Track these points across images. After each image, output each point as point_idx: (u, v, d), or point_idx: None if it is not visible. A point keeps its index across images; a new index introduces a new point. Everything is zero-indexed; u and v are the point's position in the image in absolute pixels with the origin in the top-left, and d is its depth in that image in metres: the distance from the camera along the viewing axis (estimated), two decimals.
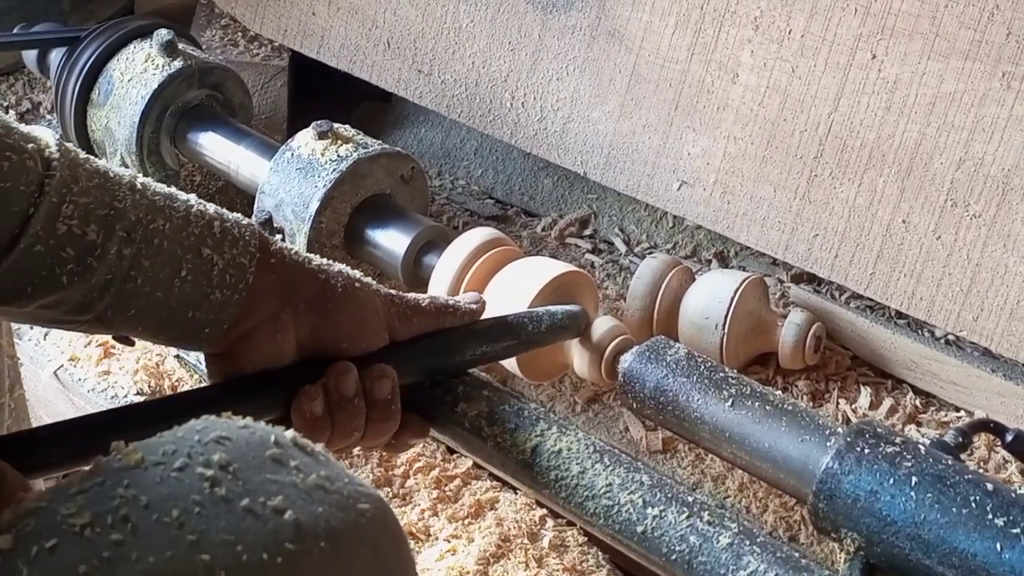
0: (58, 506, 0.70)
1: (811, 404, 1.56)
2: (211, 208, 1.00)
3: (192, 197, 1.00)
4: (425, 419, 1.17)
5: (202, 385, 1.06)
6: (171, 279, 0.95)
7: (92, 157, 0.95)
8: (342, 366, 1.03)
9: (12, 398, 1.14)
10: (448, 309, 1.13)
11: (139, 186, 0.95)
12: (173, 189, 0.99)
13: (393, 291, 1.10)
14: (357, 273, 1.07)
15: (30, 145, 0.89)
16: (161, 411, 1.00)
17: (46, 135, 0.92)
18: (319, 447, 0.80)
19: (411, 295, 1.11)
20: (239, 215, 1.01)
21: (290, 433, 0.78)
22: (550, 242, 1.89)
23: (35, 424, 1.71)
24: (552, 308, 1.24)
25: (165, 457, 0.73)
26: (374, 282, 1.08)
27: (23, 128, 0.91)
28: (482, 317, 1.17)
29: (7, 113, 2.13)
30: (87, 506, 0.70)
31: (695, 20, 1.63)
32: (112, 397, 1.57)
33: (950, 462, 1.05)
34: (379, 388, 1.05)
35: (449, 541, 1.37)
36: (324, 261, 1.06)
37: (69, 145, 0.93)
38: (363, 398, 1.04)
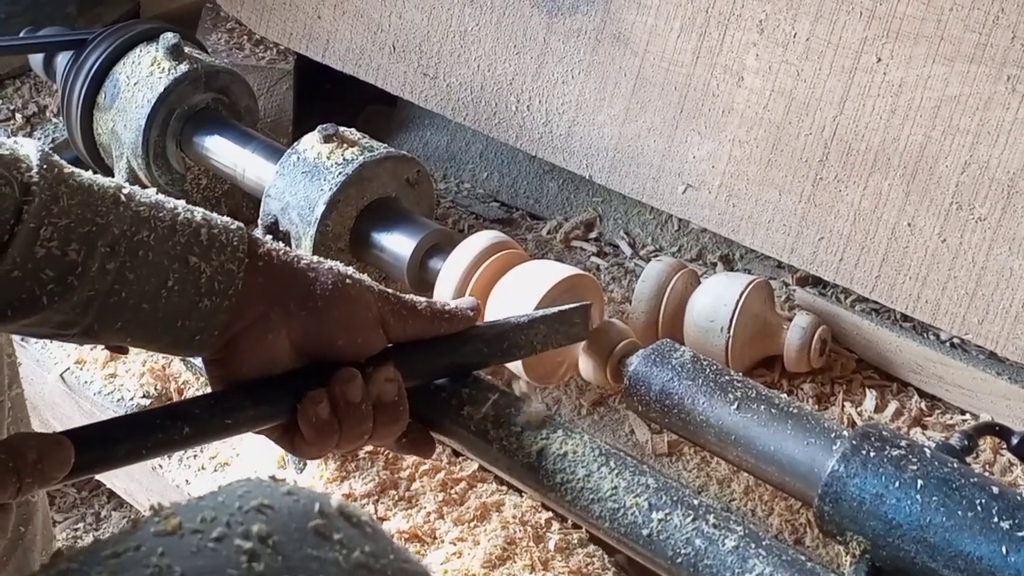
0: (90, 569, 0.68)
1: (816, 407, 1.56)
2: (199, 214, 0.99)
3: (180, 204, 0.99)
4: (430, 422, 1.17)
5: (206, 392, 1.05)
6: (158, 290, 0.94)
7: (76, 170, 0.94)
8: (347, 372, 1.03)
9: (10, 396, 1.14)
10: (444, 315, 1.12)
11: (123, 197, 0.94)
12: (160, 197, 0.98)
13: (389, 290, 1.09)
14: (349, 269, 1.06)
15: (8, 171, 0.88)
16: (166, 418, 0.99)
17: (30, 152, 0.90)
18: (366, 516, 0.75)
19: (408, 296, 1.10)
20: (228, 219, 1.01)
21: (336, 500, 0.74)
22: (555, 245, 1.89)
23: (34, 423, 1.71)
24: (553, 312, 1.22)
25: (203, 524, 0.70)
26: (368, 278, 1.07)
27: (6, 147, 0.90)
28: (480, 322, 1.17)
29: (13, 117, 2.14)
30: (119, 572, 0.67)
31: (700, 23, 1.63)
32: (118, 400, 1.57)
33: (955, 465, 1.05)
34: (386, 391, 1.05)
35: (455, 544, 1.37)
36: (314, 259, 1.05)
37: (55, 159, 0.92)
38: (370, 402, 1.04)
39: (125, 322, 0.94)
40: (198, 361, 1.55)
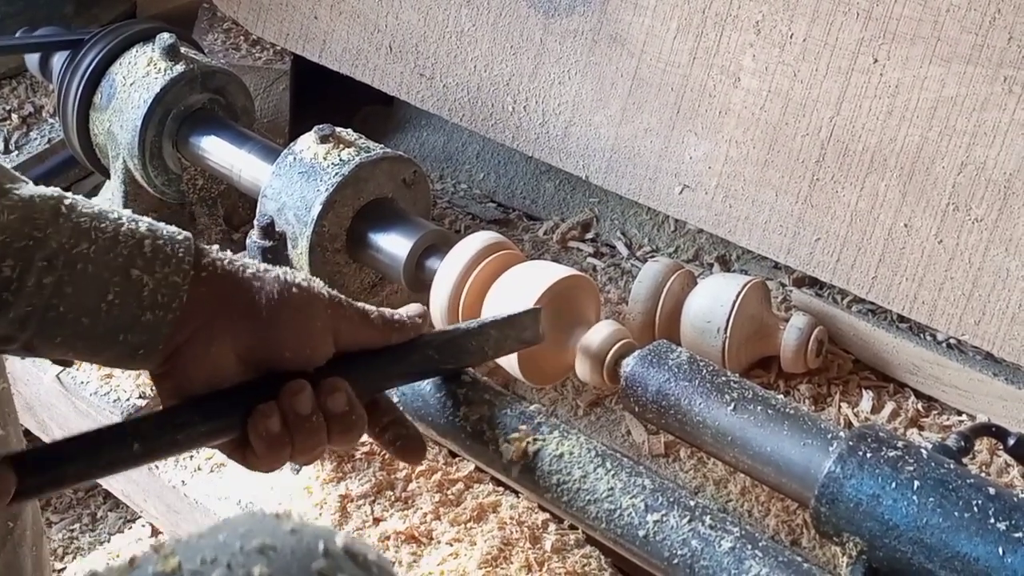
0: None
1: (813, 408, 1.56)
2: (143, 225, 0.96)
3: (125, 214, 0.96)
4: (427, 424, 1.17)
5: (157, 409, 1.03)
6: (97, 304, 0.92)
7: (19, 182, 0.92)
8: (296, 385, 1.01)
9: None
10: (395, 324, 1.09)
11: (64, 209, 0.92)
12: (104, 207, 0.96)
13: (342, 296, 1.06)
14: (299, 277, 1.03)
15: None
16: (116, 436, 0.97)
17: None
18: (373, 554, 0.73)
19: (359, 304, 1.08)
20: (174, 229, 0.98)
21: (341, 539, 0.72)
22: (552, 246, 1.89)
23: (30, 424, 1.71)
24: (503, 317, 1.18)
25: (204, 566, 0.68)
26: (318, 284, 1.04)
27: None
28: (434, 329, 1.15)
29: (9, 118, 2.14)
30: None
31: (697, 24, 1.63)
32: (114, 400, 1.57)
33: (952, 466, 1.05)
34: (334, 402, 1.02)
35: (451, 545, 1.37)
36: (261, 267, 1.02)
37: None
38: (320, 414, 1.02)
39: (65, 336, 0.92)
40: None
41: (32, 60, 1.86)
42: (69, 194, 0.94)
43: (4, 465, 0.89)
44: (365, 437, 1.09)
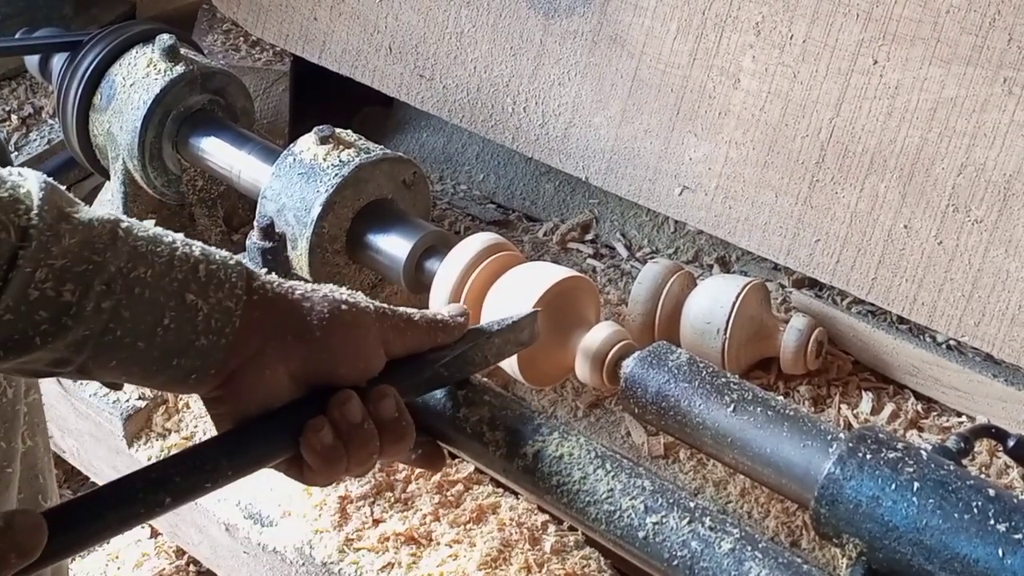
0: None
1: (813, 409, 1.56)
2: (197, 249, 0.97)
3: (178, 238, 0.97)
4: (427, 426, 1.16)
5: (211, 436, 1.03)
6: (153, 328, 0.92)
7: (78, 205, 0.92)
8: (343, 395, 1.02)
9: (26, 402, 1.13)
10: (439, 324, 1.11)
11: (121, 232, 0.92)
12: (158, 230, 0.96)
13: (385, 305, 1.07)
14: (345, 294, 1.04)
15: (5, 215, 0.86)
16: (166, 475, 0.96)
17: (31, 189, 0.88)
18: None
19: (402, 309, 1.09)
20: (226, 254, 0.99)
21: None
22: (552, 247, 1.89)
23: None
24: (507, 325, 1.18)
25: None
26: (364, 299, 1.06)
27: (6, 187, 0.87)
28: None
29: (8, 119, 2.14)
30: None
31: (697, 25, 1.63)
32: (114, 402, 1.57)
33: (952, 468, 1.05)
34: (384, 408, 1.04)
35: (451, 546, 1.37)
36: (309, 287, 1.03)
37: (57, 195, 0.90)
38: (371, 421, 1.03)
39: (120, 360, 0.93)
40: None
41: (32, 61, 1.86)
42: (124, 217, 0.94)
43: (35, 521, 0.87)
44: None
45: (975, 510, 1.00)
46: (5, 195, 0.87)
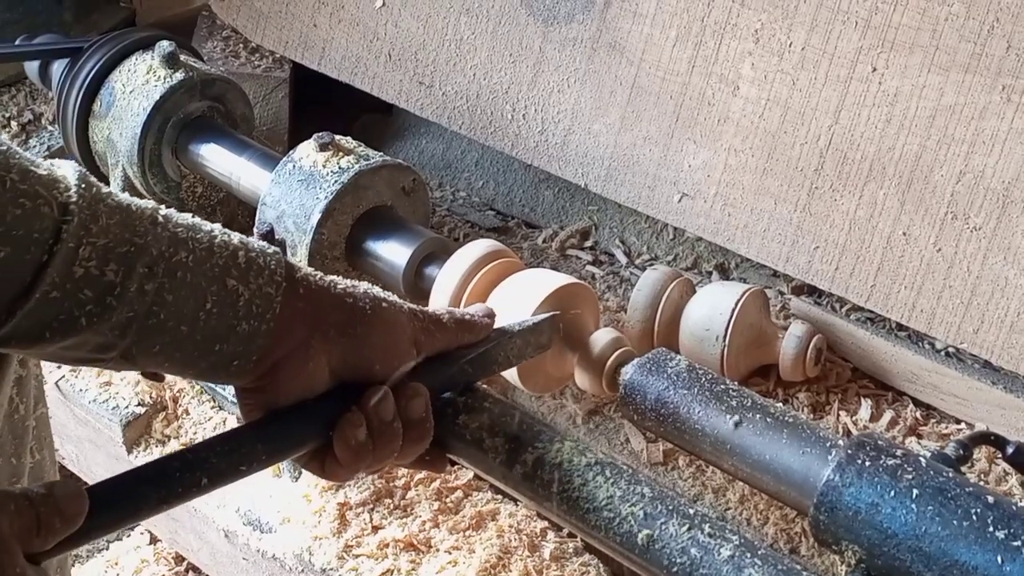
0: None
1: (812, 416, 1.56)
2: (235, 238, 0.98)
3: (216, 227, 0.98)
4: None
5: (240, 425, 1.03)
6: (196, 312, 0.93)
7: (114, 191, 0.93)
8: (378, 391, 1.02)
9: (35, 416, 1.13)
10: (466, 324, 1.12)
11: (161, 218, 0.94)
12: (196, 219, 0.97)
13: (415, 305, 1.09)
14: (383, 292, 1.06)
15: (47, 191, 0.87)
16: (203, 457, 0.97)
17: (67, 173, 0.90)
18: None
19: (431, 309, 1.10)
20: (264, 243, 1.00)
21: None
22: (551, 254, 1.89)
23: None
24: (529, 326, 1.19)
25: None
26: (398, 298, 1.07)
27: (44, 168, 0.89)
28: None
29: (8, 125, 2.14)
30: None
31: (696, 33, 1.64)
32: (113, 408, 1.57)
33: (951, 475, 1.05)
34: (414, 407, 1.04)
35: (450, 552, 1.37)
36: (349, 283, 1.04)
37: (92, 179, 0.91)
38: (399, 420, 1.03)
39: (163, 345, 0.93)
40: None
41: (31, 67, 1.86)
42: (162, 206, 0.96)
43: (76, 488, 0.88)
44: None
45: (974, 517, 1.00)
46: (44, 173, 0.89)
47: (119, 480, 0.94)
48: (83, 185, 0.90)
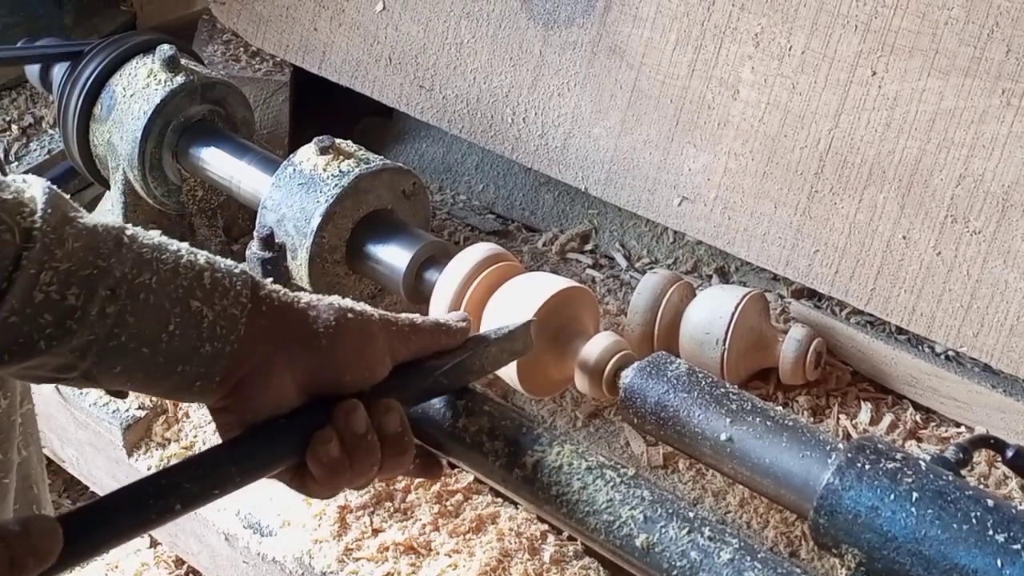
0: None
1: (812, 420, 1.56)
2: (202, 257, 0.97)
3: (183, 246, 0.97)
4: (426, 436, 1.17)
5: (214, 445, 1.03)
6: (158, 334, 0.93)
7: (81, 211, 0.92)
8: (349, 404, 1.02)
9: (21, 413, 1.13)
10: (442, 329, 1.11)
11: (126, 239, 0.93)
12: (163, 239, 0.97)
13: (388, 312, 1.08)
14: (349, 302, 1.05)
15: (10, 216, 0.86)
16: (176, 482, 0.96)
17: (36, 194, 0.89)
18: None
19: (404, 315, 1.09)
20: (231, 263, 0.99)
21: None
22: (551, 257, 1.89)
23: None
24: (504, 334, 1.18)
25: None
26: (367, 307, 1.06)
27: (11, 191, 0.88)
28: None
29: (9, 128, 2.14)
30: None
31: (696, 36, 1.64)
32: (113, 412, 1.57)
33: (951, 478, 1.05)
34: (388, 423, 1.04)
35: (450, 556, 1.37)
36: (314, 297, 1.04)
37: (61, 200, 0.90)
38: (375, 433, 1.03)
39: (125, 366, 0.93)
40: None
41: (32, 71, 1.86)
42: (128, 225, 0.95)
43: (51, 525, 0.87)
44: None
45: (974, 520, 1.00)
46: (9, 197, 0.88)
47: (92, 508, 0.93)
48: (49, 209, 0.89)
